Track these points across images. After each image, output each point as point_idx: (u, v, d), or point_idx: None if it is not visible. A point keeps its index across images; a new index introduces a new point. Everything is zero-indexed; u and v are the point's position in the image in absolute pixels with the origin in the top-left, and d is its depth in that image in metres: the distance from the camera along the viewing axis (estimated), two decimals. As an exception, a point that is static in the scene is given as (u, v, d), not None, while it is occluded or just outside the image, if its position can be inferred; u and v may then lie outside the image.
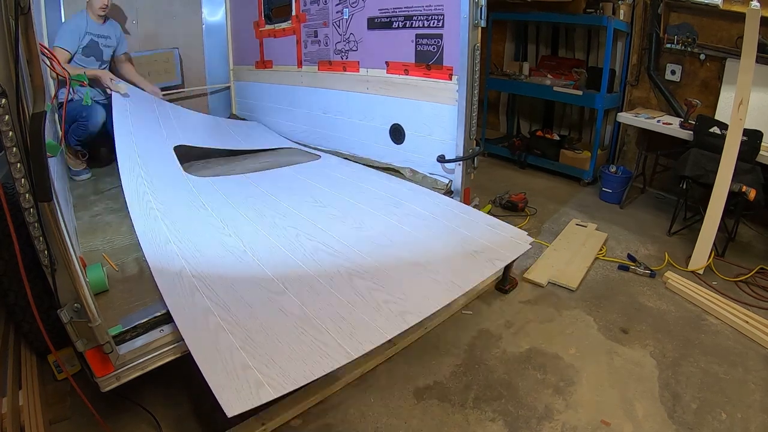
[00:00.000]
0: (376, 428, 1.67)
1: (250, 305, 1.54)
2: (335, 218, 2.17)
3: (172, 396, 1.78)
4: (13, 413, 1.42)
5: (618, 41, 3.86)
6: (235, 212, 2.24)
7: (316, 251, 1.87)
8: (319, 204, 2.34)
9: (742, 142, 2.52)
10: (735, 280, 2.56)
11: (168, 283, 1.63)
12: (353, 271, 1.74)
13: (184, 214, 2.18)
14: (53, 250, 1.20)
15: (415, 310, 1.54)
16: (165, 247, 1.87)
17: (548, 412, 1.73)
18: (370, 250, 1.88)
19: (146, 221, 2.07)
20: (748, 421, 1.69)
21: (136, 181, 2.38)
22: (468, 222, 2.14)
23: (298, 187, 2.60)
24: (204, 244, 1.92)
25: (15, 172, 1.09)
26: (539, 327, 2.21)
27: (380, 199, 2.37)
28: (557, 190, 3.90)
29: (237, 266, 1.78)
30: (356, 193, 2.45)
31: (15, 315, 1.66)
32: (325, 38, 3.11)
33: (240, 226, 2.09)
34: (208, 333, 1.41)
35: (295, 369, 1.28)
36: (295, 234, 2.02)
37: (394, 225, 2.06)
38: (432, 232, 2.02)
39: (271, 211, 2.26)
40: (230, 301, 1.56)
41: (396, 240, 1.94)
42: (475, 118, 2.39)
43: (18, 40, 1.04)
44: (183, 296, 1.57)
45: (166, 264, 1.74)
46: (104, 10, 2.91)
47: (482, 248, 1.93)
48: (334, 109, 3.18)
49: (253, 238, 1.99)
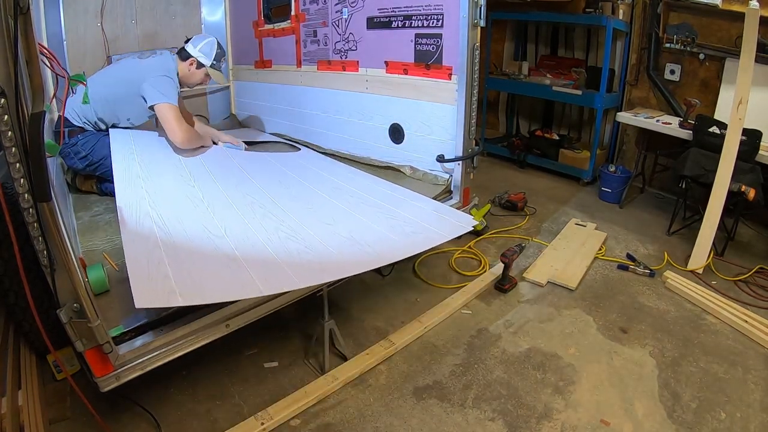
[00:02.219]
0: (375, 428, 1.67)
1: (190, 239, 1.74)
2: (292, 198, 2.29)
3: (172, 396, 1.78)
4: (12, 413, 1.42)
5: (617, 41, 3.86)
6: (206, 173, 2.44)
7: (264, 217, 2.02)
8: (283, 185, 2.46)
9: (741, 141, 2.52)
10: (734, 280, 2.56)
11: (129, 216, 1.81)
12: (291, 236, 1.86)
13: (168, 184, 2.31)
14: (52, 250, 1.20)
15: (334, 271, 1.66)
16: (136, 192, 2.04)
17: (548, 412, 1.73)
18: (313, 224, 1.98)
19: (126, 176, 2.20)
20: (748, 421, 1.69)
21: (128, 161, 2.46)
22: (416, 209, 2.20)
23: (269, 169, 2.73)
24: (170, 190, 2.13)
25: (14, 172, 1.09)
26: (539, 326, 2.21)
27: (338, 189, 2.44)
28: (557, 190, 3.90)
29: (191, 211, 1.97)
30: (318, 182, 2.54)
31: (15, 315, 1.66)
32: (324, 38, 3.10)
33: (205, 184, 2.27)
34: (146, 247, 1.61)
35: (208, 288, 1.45)
36: (250, 201, 2.16)
37: (342, 209, 2.17)
38: (376, 216, 2.11)
39: (235, 179, 2.43)
40: (174, 231, 1.75)
41: (339, 219, 2.05)
42: (474, 118, 2.39)
43: (17, 40, 1.04)
44: (137, 225, 1.76)
45: (135, 208, 1.90)
46: None
47: (422, 229, 2.00)
48: (334, 109, 3.18)
49: (213, 194, 2.17)
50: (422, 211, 2.18)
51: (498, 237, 3.07)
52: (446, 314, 2.25)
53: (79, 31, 3.21)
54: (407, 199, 2.32)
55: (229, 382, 1.85)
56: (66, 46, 3.16)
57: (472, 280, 2.54)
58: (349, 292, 2.40)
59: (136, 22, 3.50)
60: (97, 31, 3.28)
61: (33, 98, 1.13)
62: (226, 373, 1.89)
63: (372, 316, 2.26)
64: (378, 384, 1.87)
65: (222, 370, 1.91)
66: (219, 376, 1.87)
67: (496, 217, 3.33)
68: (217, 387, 1.82)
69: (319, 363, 1.93)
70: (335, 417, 1.71)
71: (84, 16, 3.21)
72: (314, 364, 1.95)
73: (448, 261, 2.76)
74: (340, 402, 1.78)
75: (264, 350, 2.02)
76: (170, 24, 3.69)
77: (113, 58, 3.35)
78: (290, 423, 1.68)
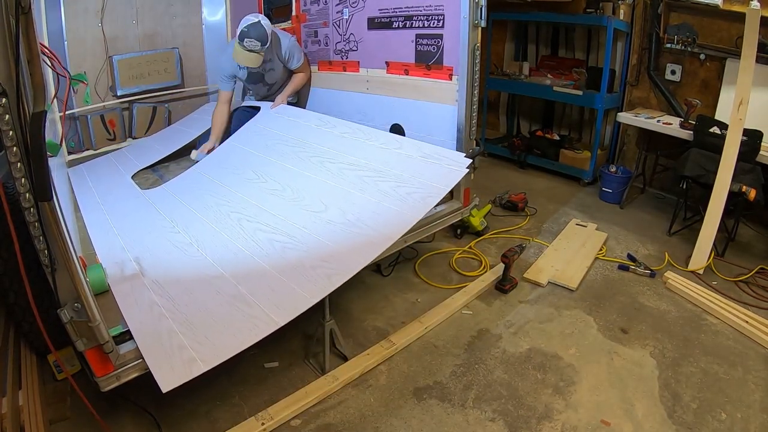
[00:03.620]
0: (376, 428, 1.67)
1: (190, 291, 1.66)
2: (274, 193, 2.22)
3: (172, 396, 1.77)
4: (13, 413, 1.42)
5: (618, 41, 3.86)
6: (185, 209, 2.33)
7: (255, 231, 1.96)
8: (261, 179, 2.38)
9: (742, 142, 2.52)
10: (735, 280, 2.56)
11: (121, 289, 1.69)
12: (286, 244, 1.82)
13: (139, 224, 2.25)
14: (53, 250, 1.20)
15: (342, 270, 1.62)
16: (120, 255, 1.93)
17: (548, 412, 1.73)
18: (305, 220, 1.94)
19: (105, 238, 2.12)
20: (748, 421, 1.69)
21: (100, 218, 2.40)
22: (403, 159, 2.13)
23: (239, 163, 2.63)
24: (155, 245, 2.01)
25: (15, 171, 1.09)
26: (539, 327, 2.21)
27: (316, 156, 2.36)
28: (557, 190, 3.90)
29: (182, 259, 1.88)
30: (293, 157, 2.43)
31: (15, 315, 1.66)
32: (325, 38, 3.11)
33: (188, 222, 2.17)
34: (152, 321, 1.52)
35: (226, 343, 1.41)
36: (237, 219, 2.10)
37: (330, 186, 2.10)
38: (365, 183, 2.05)
39: (215, 199, 2.33)
40: (174, 292, 1.66)
41: (329, 203, 1.99)
42: (475, 118, 2.39)
43: (18, 40, 1.04)
44: (133, 295, 1.65)
45: (120, 269, 1.82)
46: None
47: (415, 187, 1.94)
48: (334, 110, 3.17)
49: (199, 230, 2.08)
50: (410, 161, 2.10)
51: (498, 237, 3.07)
52: (447, 314, 2.25)
53: (80, 31, 3.21)
54: (391, 149, 2.22)
55: (229, 383, 1.85)
56: (66, 45, 3.16)
57: (473, 280, 2.54)
58: (350, 292, 2.40)
59: (136, 22, 3.50)
60: (97, 31, 3.28)
61: (34, 98, 1.13)
62: (226, 374, 1.89)
63: (372, 317, 2.26)
64: (378, 384, 1.87)
65: (222, 370, 1.89)
66: (219, 377, 1.87)
67: (496, 218, 3.33)
68: (217, 387, 1.82)
69: (319, 363, 1.93)
70: (335, 417, 1.71)
71: (84, 16, 3.21)
72: (314, 364, 1.95)
73: (448, 261, 2.76)
74: (340, 402, 1.78)
75: (264, 350, 2.01)
76: (170, 24, 3.69)
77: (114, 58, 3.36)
78: (290, 423, 1.68)
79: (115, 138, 3.53)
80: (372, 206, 1.88)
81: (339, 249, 1.72)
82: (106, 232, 2.13)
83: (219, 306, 1.56)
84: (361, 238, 1.74)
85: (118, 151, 3.47)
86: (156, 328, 1.49)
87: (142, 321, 1.52)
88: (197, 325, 1.49)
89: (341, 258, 1.68)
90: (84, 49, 3.26)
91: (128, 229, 2.14)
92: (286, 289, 1.57)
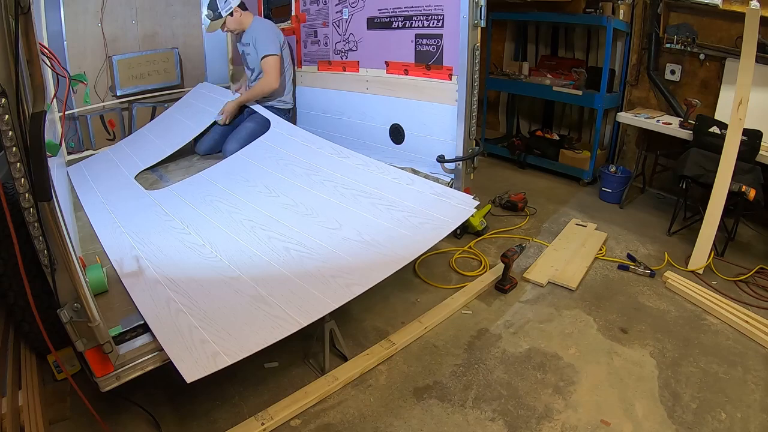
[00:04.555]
0: (375, 428, 1.67)
1: (207, 291, 1.65)
2: (287, 207, 2.25)
3: (172, 396, 1.78)
4: (12, 413, 1.42)
5: (618, 41, 3.86)
6: (194, 212, 2.33)
7: (270, 240, 1.98)
8: (273, 194, 2.40)
9: (741, 141, 2.52)
10: (735, 280, 2.56)
11: (134, 283, 1.70)
12: (303, 254, 1.84)
13: (147, 224, 2.24)
14: (53, 250, 1.20)
15: (361, 281, 1.64)
16: (129, 253, 1.94)
17: (548, 412, 1.73)
18: (321, 234, 1.97)
19: (112, 236, 2.12)
20: (748, 421, 1.69)
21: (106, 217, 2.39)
22: (414, 194, 2.19)
23: (250, 176, 2.64)
24: (165, 245, 2.01)
25: (15, 171, 1.09)
26: (539, 327, 2.21)
27: (330, 181, 2.40)
28: (557, 190, 3.90)
29: (196, 260, 1.89)
30: (305, 178, 2.47)
31: (15, 315, 1.66)
32: (324, 38, 3.11)
33: (199, 225, 2.18)
34: (169, 316, 1.52)
35: (249, 339, 1.41)
36: (251, 226, 2.11)
37: (344, 208, 2.15)
38: (378, 210, 2.10)
39: (226, 206, 2.34)
40: (191, 289, 1.66)
41: (344, 222, 2.03)
42: (474, 118, 2.40)
43: (18, 40, 1.04)
44: (147, 291, 1.66)
45: (131, 267, 1.83)
46: (228, 31, 3.10)
47: (426, 219, 2.00)
48: (334, 109, 3.18)
49: (212, 233, 2.09)
50: (422, 196, 2.16)
51: (498, 237, 3.07)
52: (446, 314, 2.25)
53: (79, 31, 3.22)
54: (403, 184, 2.28)
55: (229, 383, 1.85)
56: (66, 46, 3.16)
57: (473, 280, 2.54)
58: (350, 292, 2.40)
59: (136, 22, 3.50)
60: (97, 31, 3.29)
61: (34, 98, 1.13)
62: (226, 374, 1.88)
63: (372, 317, 2.26)
64: (378, 384, 1.87)
65: (222, 370, 1.91)
66: (218, 377, 1.86)
67: (496, 218, 3.32)
68: (216, 387, 1.82)
69: (319, 363, 1.93)
70: (335, 417, 1.71)
71: (84, 16, 3.22)
72: (314, 364, 1.95)
73: (448, 261, 2.76)
74: (340, 402, 1.78)
75: (264, 350, 2.00)
76: (170, 24, 3.70)
77: (114, 58, 3.36)
78: (290, 423, 1.68)
79: (115, 138, 3.54)
80: (386, 230, 1.92)
81: (357, 263, 1.73)
82: (113, 231, 2.13)
83: (239, 305, 1.56)
84: (378, 257, 1.76)
85: (116, 145, 3.46)
86: (174, 322, 1.49)
87: (159, 315, 1.52)
88: (218, 321, 1.49)
89: (360, 271, 1.69)
90: (83, 49, 3.26)
91: (136, 229, 2.13)
92: (306, 293, 1.57)
